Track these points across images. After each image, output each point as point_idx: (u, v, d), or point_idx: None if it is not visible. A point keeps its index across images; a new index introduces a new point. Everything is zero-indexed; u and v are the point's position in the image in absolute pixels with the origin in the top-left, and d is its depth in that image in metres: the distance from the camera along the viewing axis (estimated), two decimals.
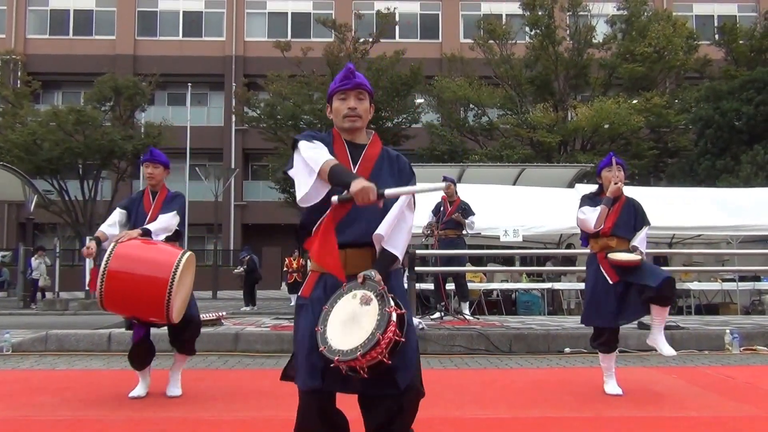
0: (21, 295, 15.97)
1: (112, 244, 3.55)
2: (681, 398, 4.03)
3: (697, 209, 10.31)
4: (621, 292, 4.02)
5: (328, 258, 2.03)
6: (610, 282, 4.04)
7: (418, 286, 7.76)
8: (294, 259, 15.07)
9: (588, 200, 4.19)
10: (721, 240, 11.05)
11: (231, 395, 4.05)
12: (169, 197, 4.00)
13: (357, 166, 2.15)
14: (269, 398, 4.00)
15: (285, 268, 15.10)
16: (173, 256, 3.54)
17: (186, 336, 3.99)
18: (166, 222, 3.81)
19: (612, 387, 4.08)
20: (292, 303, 14.71)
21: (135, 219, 3.94)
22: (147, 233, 3.69)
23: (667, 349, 4.16)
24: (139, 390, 3.98)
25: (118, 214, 4.00)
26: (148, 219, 3.88)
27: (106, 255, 3.46)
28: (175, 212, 3.88)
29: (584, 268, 4.52)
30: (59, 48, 28.35)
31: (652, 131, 21.27)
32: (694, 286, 10.60)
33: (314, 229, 2.08)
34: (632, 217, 4.14)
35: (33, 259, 16.27)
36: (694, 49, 21.10)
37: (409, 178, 2.21)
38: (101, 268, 3.42)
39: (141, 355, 3.94)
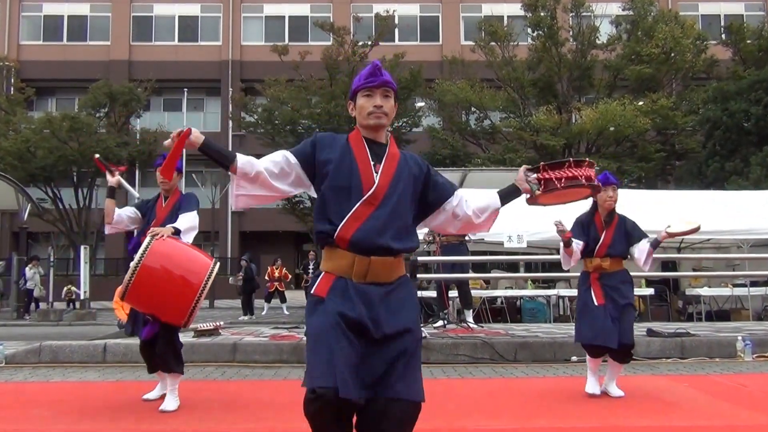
0: (14, 306, 15.94)
1: (148, 239, 3.62)
2: (692, 407, 4.01)
3: (706, 213, 10.26)
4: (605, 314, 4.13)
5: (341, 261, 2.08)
6: (596, 303, 4.14)
7: (420, 293, 7.75)
8: (276, 268, 15.05)
9: (577, 225, 4.32)
10: (732, 244, 11.02)
11: (229, 406, 4.04)
12: (183, 199, 4.12)
13: (382, 164, 2.16)
14: (268, 409, 3.99)
15: (266, 277, 15.04)
16: (206, 265, 3.68)
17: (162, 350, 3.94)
18: (190, 221, 3.92)
19: (591, 386, 4.19)
20: (264, 312, 14.72)
21: (148, 221, 4.06)
22: (177, 232, 3.80)
23: (615, 392, 4.26)
24: (153, 392, 4.12)
25: (130, 210, 4.16)
26: (157, 221, 3.99)
27: (142, 248, 3.54)
28: (195, 212, 4.01)
29: None
30: (53, 54, 28.45)
31: (659, 133, 21.26)
32: (705, 291, 10.57)
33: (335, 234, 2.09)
34: (624, 236, 4.24)
35: (27, 268, 16.24)
36: (702, 51, 21.13)
37: (428, 177, 2.27)
38: (135, 261, 3.51)
39: (149, 355, 4.01)
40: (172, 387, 3.94)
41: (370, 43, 21.16)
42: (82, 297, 15.03)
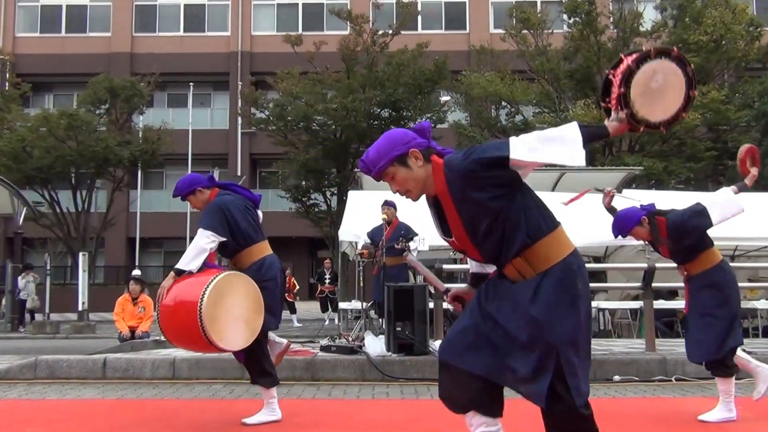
0: (9, 318, 16.21)
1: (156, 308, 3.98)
2: None
3: (764, 217, 10.08)
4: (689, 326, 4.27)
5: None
6: (684, 311, 4.33)
7: (445, 304, 7.70)
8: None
9: None
10: None
11: (238, 428, 4.05)
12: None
13: None
14: (280, 430, 3.99)
15: None
16: (201, 284, 3.74)
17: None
18: (191, 248, 3.89)
19: (716, 411, 4.18)
20: None
21: None
22: (179, 273, 3.84)
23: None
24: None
25: None
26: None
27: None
28: (200, 230, 3.89)
29: (633, 284, 4.61)
30: (51, 47, 29.03)
31: (710, 130, 20.93)
32: (761, 304, 10.35)
33: None
34: (677, 236, 4.27)
35: (20, 278, 16.41)
36: (757, 38, 20.77)
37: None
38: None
39: None
40: (265, 401, 4.21)
41: (391, 32, 21.19)
42: (80, 308, 15.21)
